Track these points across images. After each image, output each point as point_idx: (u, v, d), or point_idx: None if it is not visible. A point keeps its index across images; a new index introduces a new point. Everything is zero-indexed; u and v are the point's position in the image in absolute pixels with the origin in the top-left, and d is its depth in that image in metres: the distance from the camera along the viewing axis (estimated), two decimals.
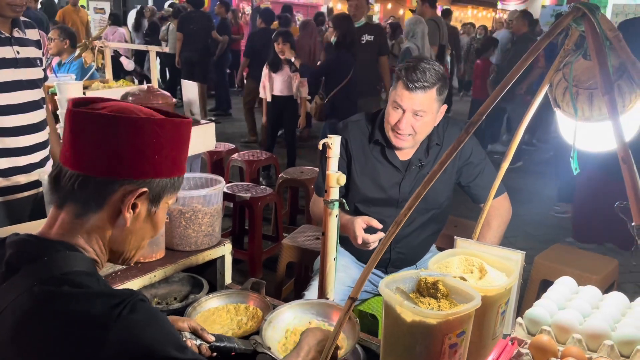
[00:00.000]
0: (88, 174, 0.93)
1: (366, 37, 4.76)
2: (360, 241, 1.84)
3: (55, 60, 5.00)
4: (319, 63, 5.53)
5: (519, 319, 1.34)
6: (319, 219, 2.05)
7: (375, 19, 15.88)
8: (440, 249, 2.90)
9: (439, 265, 1.36)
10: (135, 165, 0.94)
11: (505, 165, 1.41)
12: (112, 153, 0.93)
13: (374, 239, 1.83)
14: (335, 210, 1.56)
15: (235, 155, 4.36)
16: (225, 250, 1.90)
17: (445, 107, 1.98)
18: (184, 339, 1.26)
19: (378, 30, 5.07)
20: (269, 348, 1.32)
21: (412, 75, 1.82)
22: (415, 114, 1.86)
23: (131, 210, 0.96)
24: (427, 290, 1.23)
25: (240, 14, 11.32)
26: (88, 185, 0.93)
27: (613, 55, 1.01)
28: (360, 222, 1.85)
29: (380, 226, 1.85)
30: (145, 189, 0.96)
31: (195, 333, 1.31)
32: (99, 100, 1.01)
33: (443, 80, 1.87)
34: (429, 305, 1.19)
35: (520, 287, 1.38)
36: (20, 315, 0.85)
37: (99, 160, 0.93)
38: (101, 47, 3.29)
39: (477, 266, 1.35)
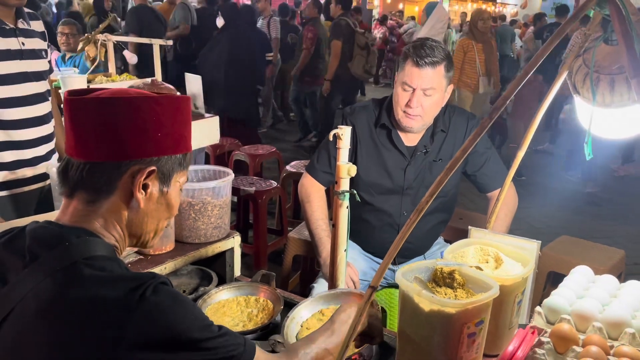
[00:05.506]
0: (94, 160, 0.93)
1: None
2: (350, 283, 1.93)
3: (55, 54, 4.97)
4: None
5: (538, 308, 1.33)
6: (305, 200, 2.11)
7: (375, 13, 15.80)
8: (448, 242, 2.90)
9: (454, 255, 1.34)
10: (139, 145, 0.94)
11: (520, 154, 1.39)
12: (114, 136, 0.93)
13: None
14: (346, 202, 1.55)
15: (238, 150, 4.34)
16: (235, 242, 1.88)
17: (452, 87, 1.99)
18: None
19: None
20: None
21: (420, 51, 1.85)
22: (424, 92, 1.88)
23: (142, 191, 0.97)
24: (443, 280, 1.22)
25: None
26: (95, 171, 0.93)
27: (636, 40, 1.00)
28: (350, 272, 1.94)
29: (357, 280, 1.95)
30: (152, 167, 0.96)
31: None
32: (94, 90, 1.00)
33: (449, 58, 1.91)
34: (446, 294, 1.18)
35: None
36: (43, 300, 0.85)
37: (102, 145, 0.93)
38: (104, 40, 3.26)
39: (493, 256, 1.33)
